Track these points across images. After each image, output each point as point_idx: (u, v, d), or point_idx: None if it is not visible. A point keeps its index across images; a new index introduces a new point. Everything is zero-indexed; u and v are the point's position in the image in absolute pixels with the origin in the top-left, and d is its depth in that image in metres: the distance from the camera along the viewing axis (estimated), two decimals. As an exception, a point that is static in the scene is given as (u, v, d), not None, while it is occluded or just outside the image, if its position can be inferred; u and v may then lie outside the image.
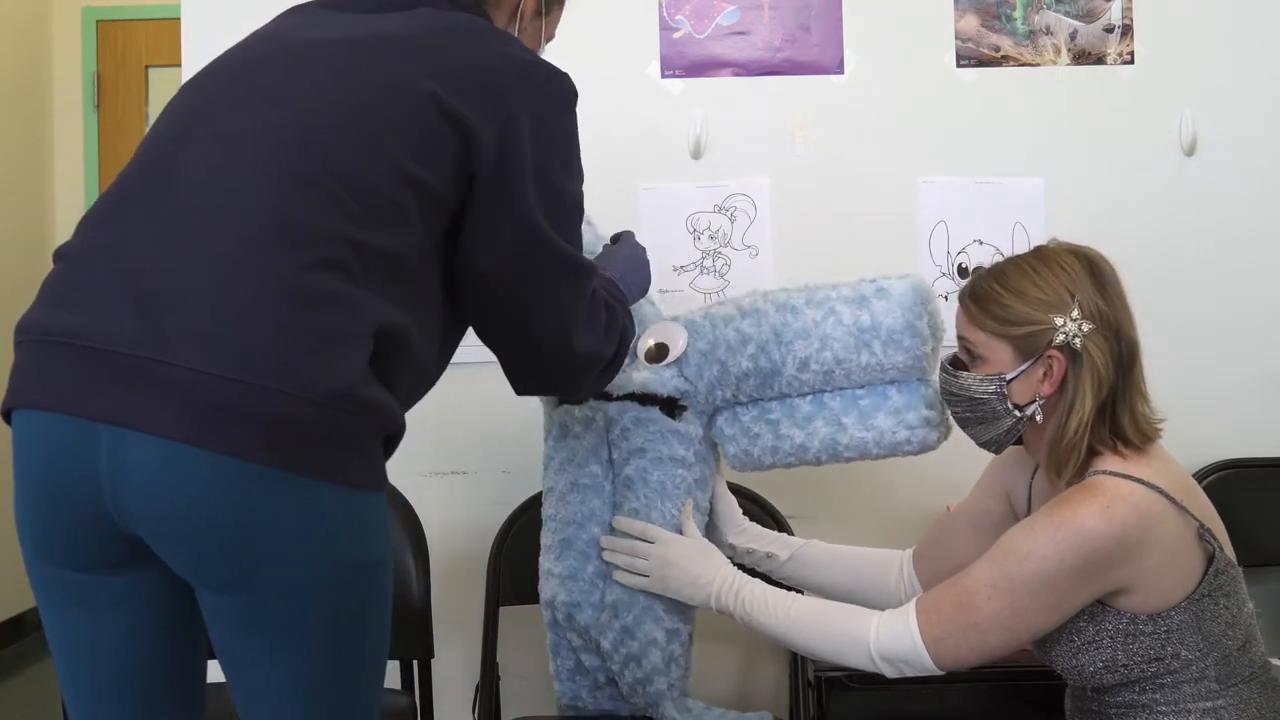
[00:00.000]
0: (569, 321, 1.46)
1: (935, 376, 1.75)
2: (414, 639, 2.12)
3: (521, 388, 1.58)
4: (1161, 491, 1.49)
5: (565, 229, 1.45)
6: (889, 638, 1.56)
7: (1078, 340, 1.52)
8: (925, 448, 1.78)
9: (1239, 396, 2.36)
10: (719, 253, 2.36)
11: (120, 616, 1.27)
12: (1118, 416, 1.53)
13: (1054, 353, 1.53)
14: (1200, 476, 2.28)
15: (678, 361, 1.82)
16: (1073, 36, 2.36)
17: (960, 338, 1.62)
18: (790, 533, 2.14)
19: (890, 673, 1.58)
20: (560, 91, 1.44)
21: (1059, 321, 1.52)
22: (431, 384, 1.43)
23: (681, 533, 1.80)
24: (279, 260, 1.21)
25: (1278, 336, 2.37)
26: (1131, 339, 1.55)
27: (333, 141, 1.28)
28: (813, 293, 1.79)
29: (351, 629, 1.27)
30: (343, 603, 1.24)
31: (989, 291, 1.57)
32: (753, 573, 1.90)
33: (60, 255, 1.29)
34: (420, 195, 1.32)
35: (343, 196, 1.26)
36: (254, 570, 1.20)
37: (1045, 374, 1.54)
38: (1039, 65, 2.36)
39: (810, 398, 1.80)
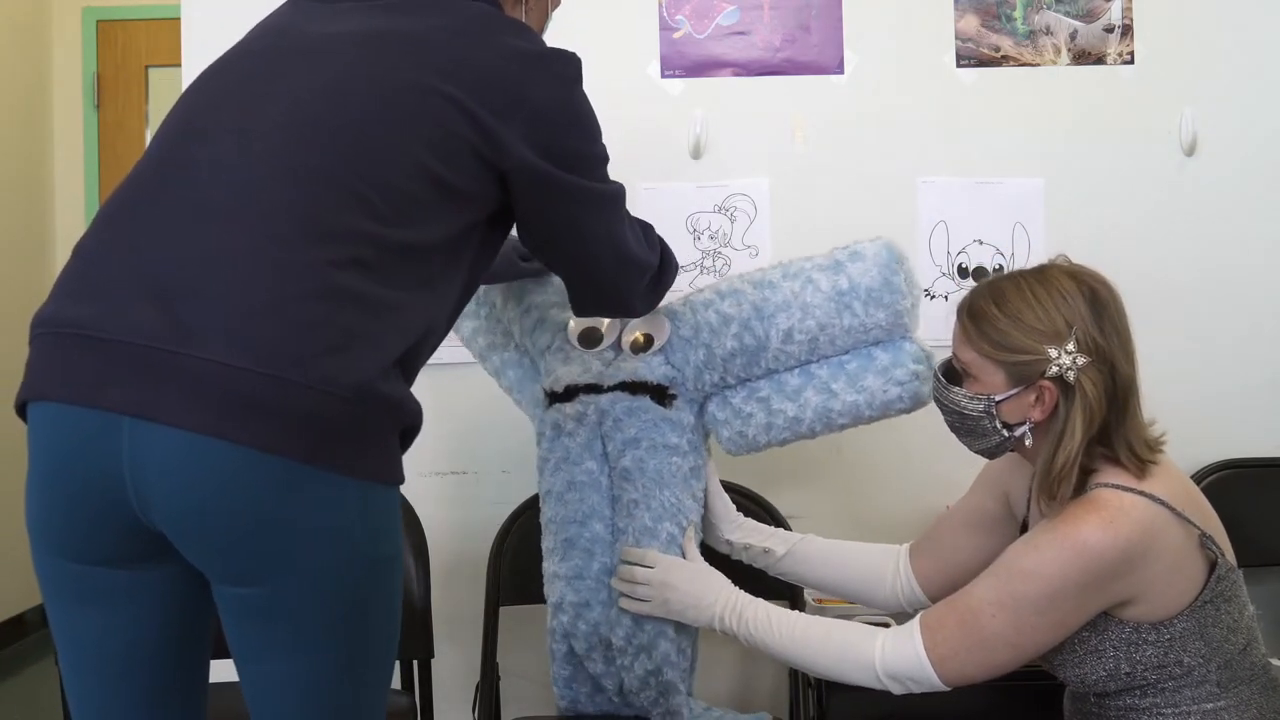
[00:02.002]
0: (619, 239, 1.60)
1: (919, 333, 1.77)
2: (414, 639, 2.12)
3: (583, 309, 1.73)
4: (1163, 503, 1.48)
5: (602, 178, 1.56)
6: (895, 656, 1.56)
7: (1071, 373, 1.50)
8: (918, 402, 1.79)
9: (1239, 397, 2.36)
10: (719, 253, 2.36)
11: (132, 611, 1.28)
12: (1113, 446, 1.52)
13: (1046, 383, 1.51)
14: (1200, 476, 2.28)
15: (663, 350, 1.83)
16: (1073, 36, 2.36)
17: (954, 354, 1.61)
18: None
19: (897, 690, 1.57)
20: (568, 72, 1.49)
21: (1053, 353, 1.50)
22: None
23: (683, 550, 1.79)
24: (301, 257, 1.22)
25: (1277, 337, 2.37)
26: (1127, 375, 1.52)
27: (353, 141, 1.30)
28: (787, 267, 1.82)
29: (364, 624, 1.28)
30: (357, 597, 1.25)
31: (985, 312, 1.55)
32: (750, 569, 1.90)
33: (77, 250, 1.30)
34: (443, 193, 1.35)
35: (366, 194, 1.27)
36: (273, 563, 1.20)
37: (1036, 400, 1.53)
38: (1039, 65, 2.36)
39: (797, 370, 1.82)
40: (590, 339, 1.87)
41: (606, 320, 1.87)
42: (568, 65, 1.49)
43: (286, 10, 1.48)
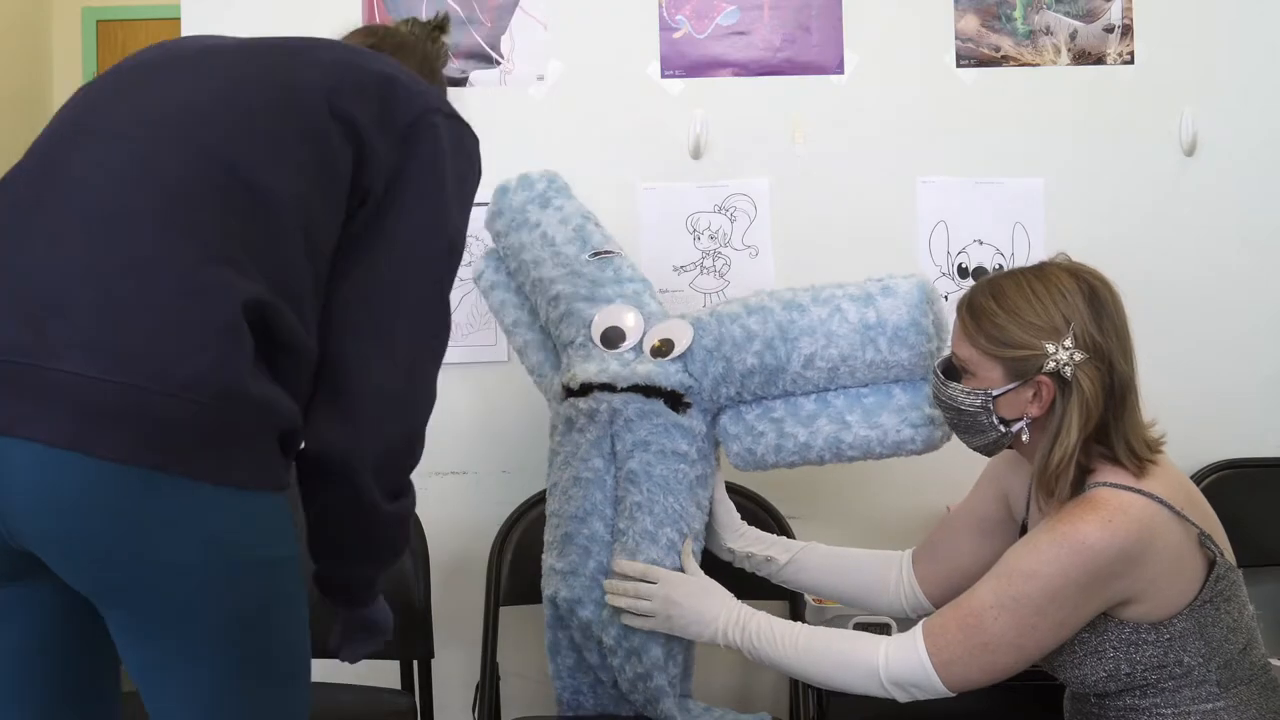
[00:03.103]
0: (424, 369, 1.40)
1: None
2: (414, 639, 2.12)
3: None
4: (1161, 501, 1.48)
5: (447, 273, 1.42)
6: (899, 664, 1.55)
7: (1068, 369, 1.50)
8: (930, 446, 1.79)
9: (1239, 397, 2.35)
10: (719, 253, 2.36)
11: (20, 626, 1.25)
12: (1111, 445, 1.52)
13: (1044, 379, 1.51)
14: (1200, 477, 2.28)
15: (683, 357, 1.83)
16: (1073, 36, 2.36)
17: (953, 351, 1.61)
18: (790, 534, 2.14)
19: (902, 698, 1.57)
20: (462, 135, 1.44)
21: (1051, 349, 1.50)
22: None
23: (682, 567, 1.79)
24: (163, 259, 1.19)
25: (1277, 337, 2.37)
26: (1124, 373, 1.52)
27: (224, 140, 1.28)
28: (819, 291, 1.81)
29: (256, 632, 1.24)
30: (241, 606, 1.21)
31: (984, 308, 1.56)
32: (752, 577, 1.90)
33: None
34: (319, 195, 1.31)
35: (234, 195, 1.25)
36: (143, 578, 1.17)
37: (1034, 396, 1.53)
38: (1039, 65, 2.36)
39: (814, 396, 1.81)
40: (612, 339, 1.86)
41: (631, 320, 1.87)
42: (463, 128, 1.44)
43: (186, 37, 1.50)
